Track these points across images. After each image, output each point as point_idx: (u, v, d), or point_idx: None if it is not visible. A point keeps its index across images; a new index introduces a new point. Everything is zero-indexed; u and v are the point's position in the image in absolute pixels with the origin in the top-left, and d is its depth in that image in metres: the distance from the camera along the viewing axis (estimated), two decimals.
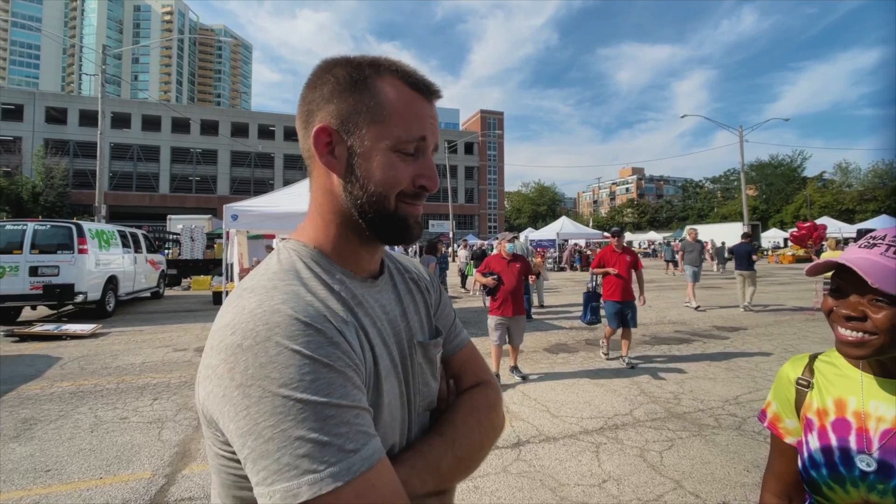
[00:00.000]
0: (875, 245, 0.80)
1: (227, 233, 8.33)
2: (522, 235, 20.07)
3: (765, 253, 30.93)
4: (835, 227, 23.29)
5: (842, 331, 0.80)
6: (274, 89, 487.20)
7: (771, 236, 36.53)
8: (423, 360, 0.70)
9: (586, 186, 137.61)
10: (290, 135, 52.10)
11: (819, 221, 25.66)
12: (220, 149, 48.84)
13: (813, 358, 0.94)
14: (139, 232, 12.07)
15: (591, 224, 54.74)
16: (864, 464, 0.79)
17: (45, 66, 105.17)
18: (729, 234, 31.81)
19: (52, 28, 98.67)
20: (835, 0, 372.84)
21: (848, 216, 39.63)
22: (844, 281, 0.81)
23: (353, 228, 0.64)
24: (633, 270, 5.76)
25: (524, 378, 5.06)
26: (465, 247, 16.01)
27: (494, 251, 11.95)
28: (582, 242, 26.39)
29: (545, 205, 74.85)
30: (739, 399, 4.35)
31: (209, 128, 48.10)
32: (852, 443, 0.82)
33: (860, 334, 0.78)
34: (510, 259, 5.18)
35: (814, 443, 0.87)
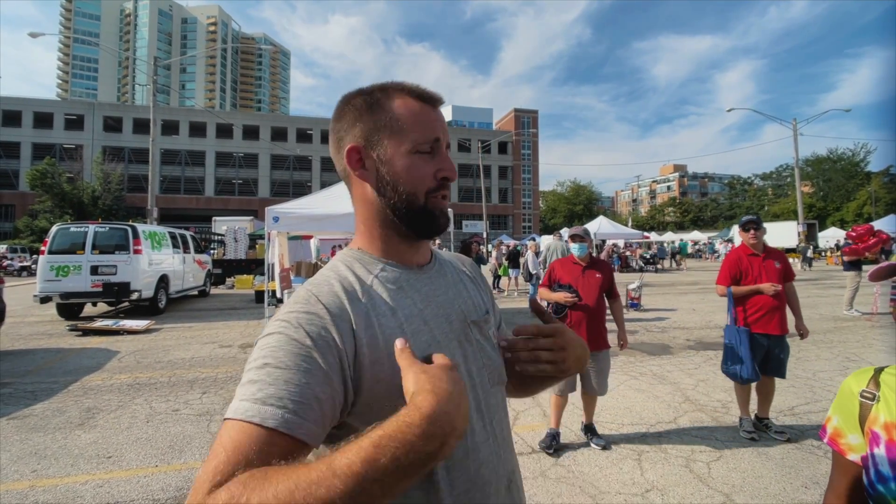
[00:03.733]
0: None
1: (269, 234, 8.62)
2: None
3: (822, 254, 28.83)
4: None
5: None
6: (309, 94, 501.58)
7: (830, 235, 34.07)
8: (481, 337, 0.78)
9: (625, 185, 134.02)
10: (327, 138, 53.19)
11: (888, 219, 23.51)
12: (260, 153, 50.72)
13: (879, 371, 0.89)
14: (187, 233, 12.69)
15: (629, 224, 53.17)
16: None
17: (102, 78, 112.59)
18: (782, 233, 29.69)
19: (109, 42, 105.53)
20: None
21: None
22: None
23: (390, 227, 0.74)
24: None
25: (605, 446, 3.38)
26: (497, 247, 15.91)
27: (529, 252, 11.80)
28: (620, 243, 25.66)
29: (581, 204, 73.20)
30: (795, 410, 4.10)
31: (250, 133, 50.06)
32: None
33: None
34: (585, 265, 3.57)
35: (881, 457, 0.82)
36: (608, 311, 3.64)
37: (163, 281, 10.20)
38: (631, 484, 2.90)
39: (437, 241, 9.79)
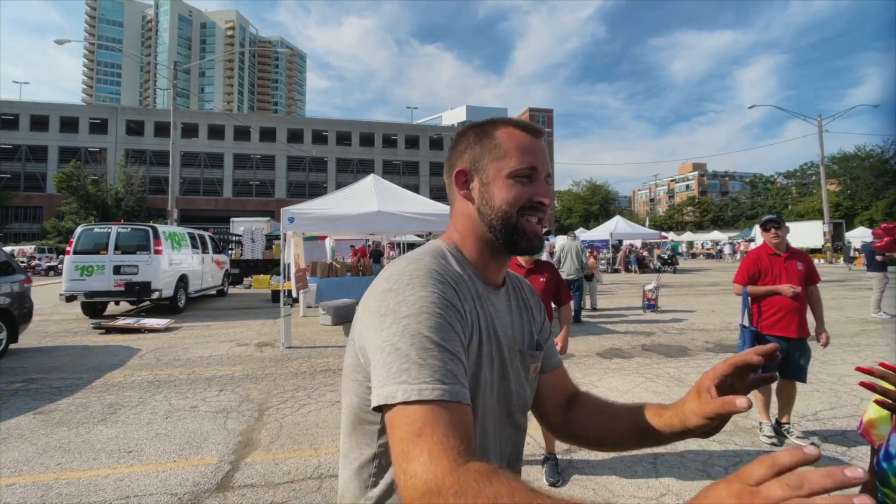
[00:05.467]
0: None
1: (285, 234, 8.73)
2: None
3: (853, 254, 27.85)
4: None
5: None
6: (324, 95, 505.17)
7: (858, 235, 32.90)
8: (521, 367, 0.84)
9: (642, 184, 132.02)
10: (342, 139, 53.92)
11: None
12: (277, 154, 51.47)
13: None
14: (206, 234, 12.95)
15: (647, 223, 52.36)
16: None
17: (125, 82, 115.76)
18: (807, 233, 28.90)
19: (131, 48, 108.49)
20: None
21: None
22: None
23: (486, 243, 0.81)
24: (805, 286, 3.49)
25: (554, 483, 2.95)
26: None
27: (544, 252, 11.69)
28: (637, 243, 25.29)
29: (597, 204, 72.27)
30: (819, 415, 3.98)
31: (267, 134, 50.83)
32: None
33: None
34: (529, 269, 3.25)
35: (894, 438, 0.82)
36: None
37: (182, 280, 10.42)
38: (646, 488, 2.85)
39: None
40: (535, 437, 3.61)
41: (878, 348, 6.36)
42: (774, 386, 3.55)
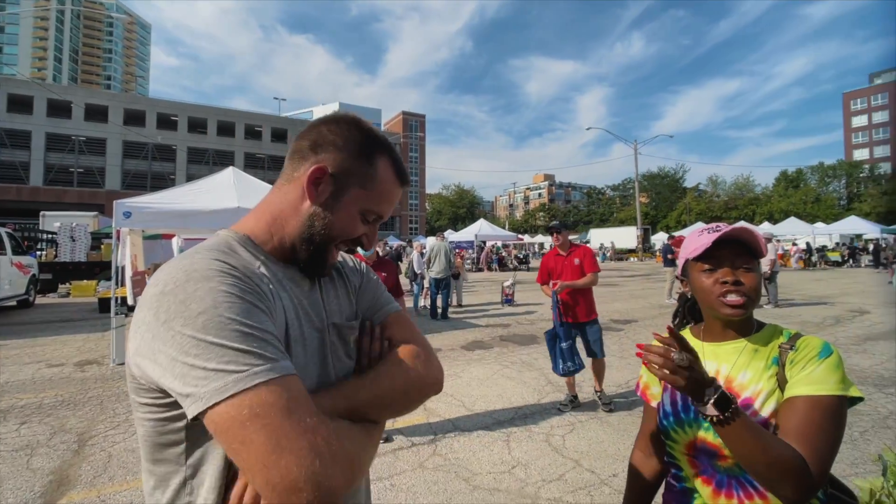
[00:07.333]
0: (718, 230, 1.00)
1: (118, 232, 7.44)
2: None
3: (654, 253, 35.11)
4: None
5: (730, 297, 0.97)
6: (171, 75, 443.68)
7: (659, 238, 41.38)
8: (337, 340, 0.80)
9: (503, 191, 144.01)
10: (196, 126, 47.80)
11: (693, 227, 29.83)
12: (109, 137, 43.28)
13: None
14: (2, 230, 10.35)
15: (507, 226, 57.27)
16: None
17: None
18: (624, 237, 36.13)
19: None
20: (702, 33, 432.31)
21: (717, 222, 45.99)
22: (717, 258, 1.00)
23: (291, 240, 0.76)
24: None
25: None
26: (382, 247, 15.95)
27: (414, 252, 12.04)
28: (499, 244, 27.53)
29: (465, 207, 76.78)
30: (630, 383, 4.88)
31: (96, 113, 42.39)
32: None
33: (743, 297, 0.96)
34: (373, 264, 3.54)
35: (665, 399, 1.08)
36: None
37: None
38: (500, 463, 3.17)
39: None
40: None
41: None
42: (590, 364, 4.26)
